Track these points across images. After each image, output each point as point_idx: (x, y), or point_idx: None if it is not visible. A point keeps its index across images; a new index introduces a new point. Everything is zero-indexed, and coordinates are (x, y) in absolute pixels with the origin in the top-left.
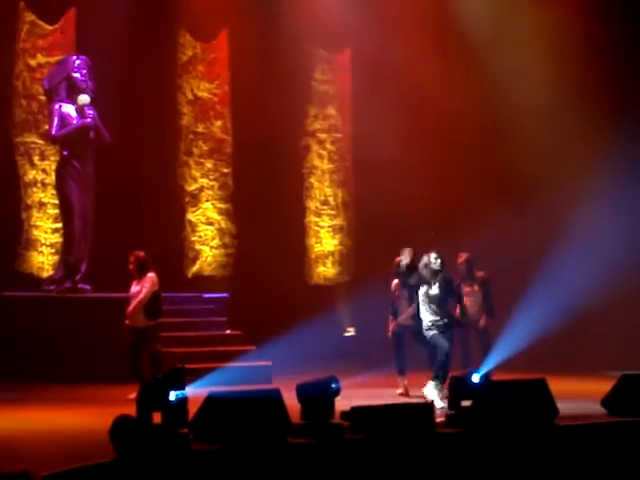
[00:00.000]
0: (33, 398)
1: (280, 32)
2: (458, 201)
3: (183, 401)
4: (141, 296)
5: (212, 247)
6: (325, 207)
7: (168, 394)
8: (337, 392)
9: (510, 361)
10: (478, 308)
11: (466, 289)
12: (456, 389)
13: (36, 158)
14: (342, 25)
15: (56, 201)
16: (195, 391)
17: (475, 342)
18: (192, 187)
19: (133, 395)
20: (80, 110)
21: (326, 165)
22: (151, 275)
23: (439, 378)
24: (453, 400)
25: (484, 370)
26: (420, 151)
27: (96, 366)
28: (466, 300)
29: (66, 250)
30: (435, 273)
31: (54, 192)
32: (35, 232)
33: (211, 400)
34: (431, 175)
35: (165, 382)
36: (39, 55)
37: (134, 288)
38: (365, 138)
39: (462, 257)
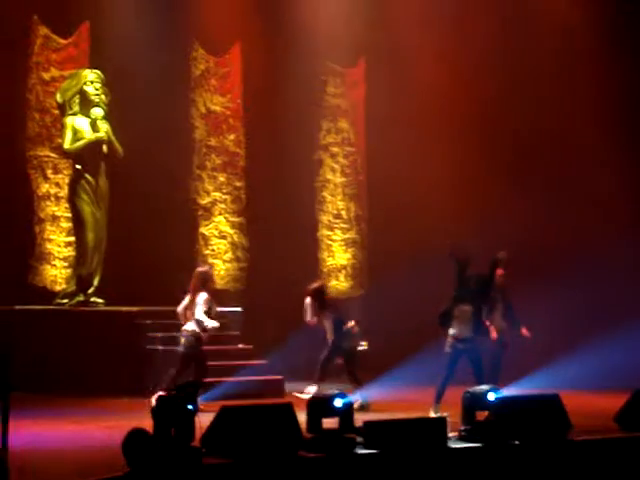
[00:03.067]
0: (45, 412)
1: (293, 45)
2: (475, 213)
3: (193, 415)
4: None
5: (225, 261)
6: (338, 221)
7: (184, 407)
8: (347, 407)
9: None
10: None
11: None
12: (471, 403)
13: (49, 171)
14: (355, 38)
15: (69, 214)
16: (207, 405)
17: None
18: (205, 200)
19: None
20: (93, 124)
21: (339, 179)
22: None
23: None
24: (467, 414)
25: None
26: (434, 164)
27: (109, 379)
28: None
29: (79, 263)
30: None
31: (67, 205)
32: (48, 245)
33: (225, 412)
34: (446, 188)
35: (178, 396)
36: (53, 69)
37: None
38: (378, 151)
39: (501, 271)
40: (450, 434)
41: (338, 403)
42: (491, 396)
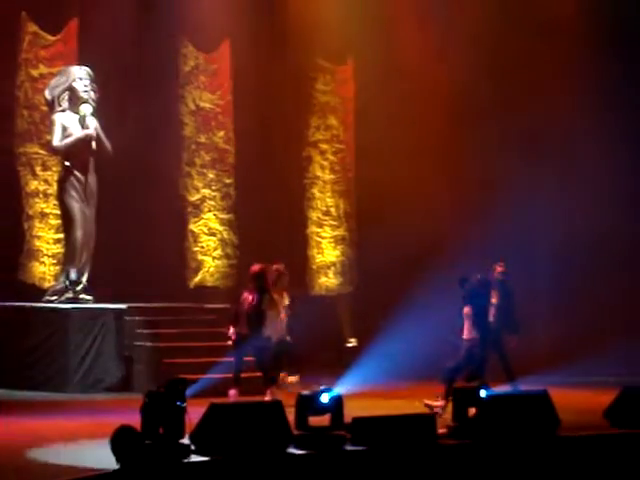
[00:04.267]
0: (32, 408)
1: (282, 43)
2: (465, 211)
3: (182, 412)
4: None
5: (214, 258)
6: (327, 218)
7: (173, 404)
8: (335, 402)
9: None
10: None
11: (492, 300)
12: (462, 400)
13: (38, 168)
14: (344, 36)
15: (58, 211)
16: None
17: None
18: (194, 197)
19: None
20: (82, 121)
21: (328, 176)
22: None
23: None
24: (458, 411)
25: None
26: (423, 161)
27: (96, 376)
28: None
29: (68, 261)
30: None
31: (56, 202)
32: (37, 242)
33: (214, 410)
34: (435, 185)
35: (167, 393)
36: (41, 66)
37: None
38: (367, 148)
39: (500, 267)
40: (440, 430)
41: (325, 399)
42: (482, 393)
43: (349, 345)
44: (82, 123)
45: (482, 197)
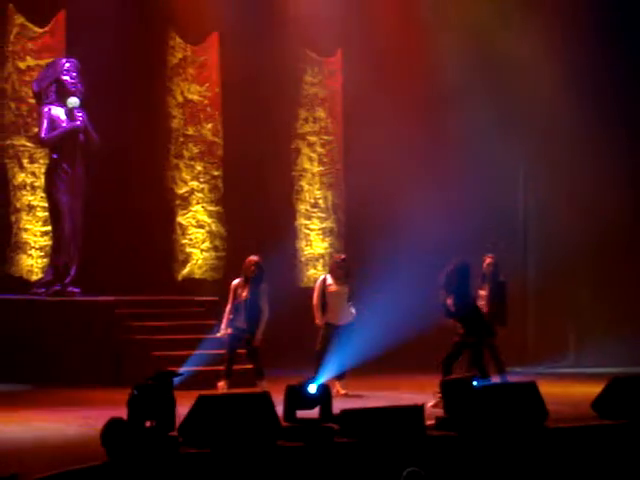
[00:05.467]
0: (22, 401)
1: (270, 34)
2: (451, 202)
3: (172, 405)
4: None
5: (203, 250)
6: (315, 210)
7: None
8: (323, 394)
9: None
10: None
11: (482, 292)
12: (452, 391)
13: (25, 161)
14: (333, 28)
15: (45, 204)
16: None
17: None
18: (182, 190)
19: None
20: (69, 113)
21: (316, 168)
22: None
23: None
24: (449, 403)
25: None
26: (411, 153)
27: (86, 369)
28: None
29: (55, 253)
30: None
31: (43, 195)
32: (24, 235)
33: (202, 402)
34: (423, 177)
35: (155, 386)
36: (29, 58)
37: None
38: (356, 140)
39: (490, 259)
40: (428, 422)
41: (312, 389)
42: (474, 383)
43: None
44: (70, 115)
45: (473, 190)
